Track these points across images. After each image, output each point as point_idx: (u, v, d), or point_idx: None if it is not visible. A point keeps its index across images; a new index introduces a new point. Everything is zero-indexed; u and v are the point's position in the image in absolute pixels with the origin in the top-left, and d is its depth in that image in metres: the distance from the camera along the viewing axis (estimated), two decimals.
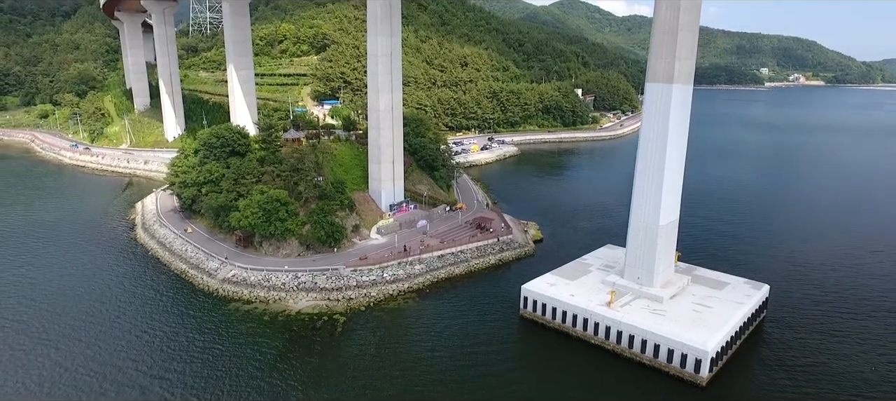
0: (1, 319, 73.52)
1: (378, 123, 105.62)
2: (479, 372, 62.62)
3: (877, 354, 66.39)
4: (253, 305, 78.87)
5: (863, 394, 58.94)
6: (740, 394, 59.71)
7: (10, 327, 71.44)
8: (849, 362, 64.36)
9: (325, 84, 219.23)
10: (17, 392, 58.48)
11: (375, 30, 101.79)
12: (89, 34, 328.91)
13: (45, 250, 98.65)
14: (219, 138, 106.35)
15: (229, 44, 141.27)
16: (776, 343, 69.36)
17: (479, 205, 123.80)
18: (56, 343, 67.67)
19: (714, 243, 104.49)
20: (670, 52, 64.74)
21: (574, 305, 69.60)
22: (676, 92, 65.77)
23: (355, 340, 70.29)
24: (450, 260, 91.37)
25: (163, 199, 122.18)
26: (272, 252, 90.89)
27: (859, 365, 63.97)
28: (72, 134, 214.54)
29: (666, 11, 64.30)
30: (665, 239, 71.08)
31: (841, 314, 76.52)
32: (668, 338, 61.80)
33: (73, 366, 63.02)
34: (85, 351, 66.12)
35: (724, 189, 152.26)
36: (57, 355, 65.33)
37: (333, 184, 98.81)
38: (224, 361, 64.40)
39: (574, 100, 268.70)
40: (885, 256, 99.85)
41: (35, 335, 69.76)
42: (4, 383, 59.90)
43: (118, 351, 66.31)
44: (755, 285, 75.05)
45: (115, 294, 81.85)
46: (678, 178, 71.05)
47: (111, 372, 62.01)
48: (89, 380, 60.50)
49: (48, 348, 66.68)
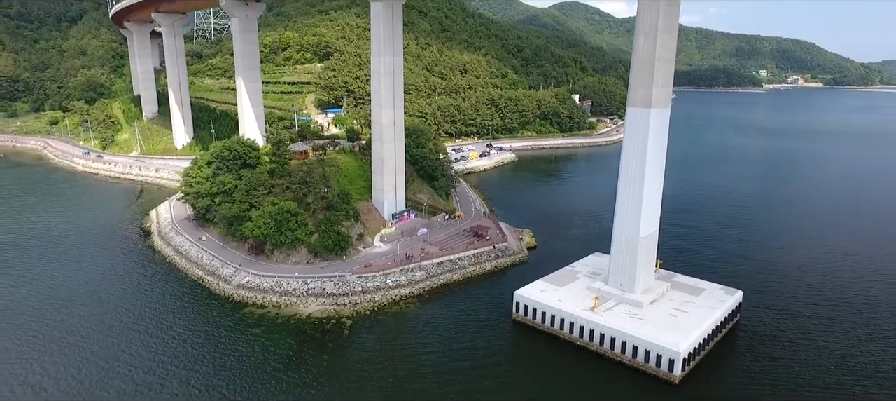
0: (47, 321, 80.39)
1: (381, 136, 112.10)
2: (476, 372, 68.91)
3: (837, 356, 72.65)
4: (266, 309, 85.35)
5: (816, 395, 65.15)
6: (710, 390, 66.01)
7: (56, 328, 78.49)
8: (808, 367, 70.50)
9: (328, 93, 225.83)
10: (79, 382, 65.71)
11: (379, 50, 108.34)
12: (95, 39, 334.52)
13: (71, 258, 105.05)
14: (231, 151, 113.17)
15: (238, 58, 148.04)
16: (746, 345, 75.70)
17: (476, 213, 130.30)
18: (96, 342, 74.65)
19: (696, 251, 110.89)
20: (648, 80, 71.15)
21: (562, 309, 76.03)
22: (654, 116, 72.17)
23: (362, 342, 76.78)
24: (448, 267, 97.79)
25: (176, 207, 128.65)
26: (283, 259, 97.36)
27: (818, 368, 70.18)
28: (83, 141, 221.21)
29: (644, 44, 70.75)
30: (645, 249, 77.49)
31: (809, 318, 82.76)
32: (645, 340, 68.22)
33: (114, 362, 69.91)
34: (120, 349, 72.86)
35: (710, 197, 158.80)
36: (101, 350, 72.64)
37: (339, 195, 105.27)
38: (245, 360, 70.91)
39: (571, 106, 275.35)
40: (855, 262, 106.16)
41: (78, 334, 76.90)
42: (66, 376, 67.11)
43: (150, 349, 73.05)
44: (729, 292, 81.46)
45: (140, 299, 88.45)
46: (657, 193, 77.41)
47: (149, 366, 68.90)
48: (130, 374, 67.43)
49: (91, 344, 74.16)
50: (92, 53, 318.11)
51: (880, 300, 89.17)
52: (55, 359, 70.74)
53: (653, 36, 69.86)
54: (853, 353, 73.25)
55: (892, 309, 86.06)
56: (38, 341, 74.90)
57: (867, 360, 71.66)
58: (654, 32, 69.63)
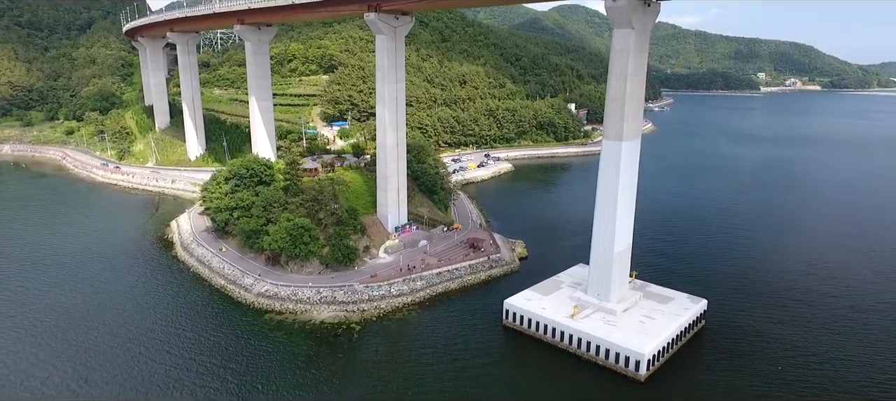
0: (97, 324, 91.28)
1: (385, 157, 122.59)
2: (470, 372, 79.26)
3: (789, 356, 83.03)
4: (284, 315, 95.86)
5: (765, 392, 75.63)
6: (671, 387, 76.41)
7: (105, 331, 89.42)
8: (762, 365, 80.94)
9: (333, 106, 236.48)
10: (132, 377, 76.32)
11: (383, 78, 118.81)
12: (105, 49, 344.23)
13: (107, 269, 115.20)
14: (248, 169, 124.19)
15: (251, 79, 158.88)
16: (708, 348, 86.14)
17: (473, 224, 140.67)
18: (141, 343, 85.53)
19: (672, 262, 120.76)
20: (620, 116, 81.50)
21: (545, 316, 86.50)
22: (625, 147, 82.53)
23: (369, 345, 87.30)
24: (446, 277, 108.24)
25: (195, 219, 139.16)
26: (297, 270, 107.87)
27: (770, 366, 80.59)
28: (99, 151, 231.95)
29: (616, 85, 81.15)
30: (619, 263, 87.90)
31: (769, 322, 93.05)
32: (616, 344, 78.65)
33: (159, 360, 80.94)
34: (162, 349, 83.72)
35: (690, 208, 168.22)
36: (146, 351, 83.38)
37: (347, 211, 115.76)
38: (270, 360, 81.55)
39: (566, 116, 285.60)
40: (819, 270, 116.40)
41: (124, 336, 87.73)
42: (123, 370, 77.98)
43: (187, 349, 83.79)
44: (694, 300, 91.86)
45: (173, 305, 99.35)
46: (629, 214, 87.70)
47: (189, 364, 79.60)
48: (172, 371, 78.24)
49: (137, 346, 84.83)
50: (102, 62, 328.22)
51: (834, 307, 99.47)
52: (110, 357, 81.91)
53: (623, 79, 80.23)
54: (802, 350, 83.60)
55: (841, 315, 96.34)
56: (94, 342, 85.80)
57: (817, 359, 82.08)
58: (624, 76, 80.00)
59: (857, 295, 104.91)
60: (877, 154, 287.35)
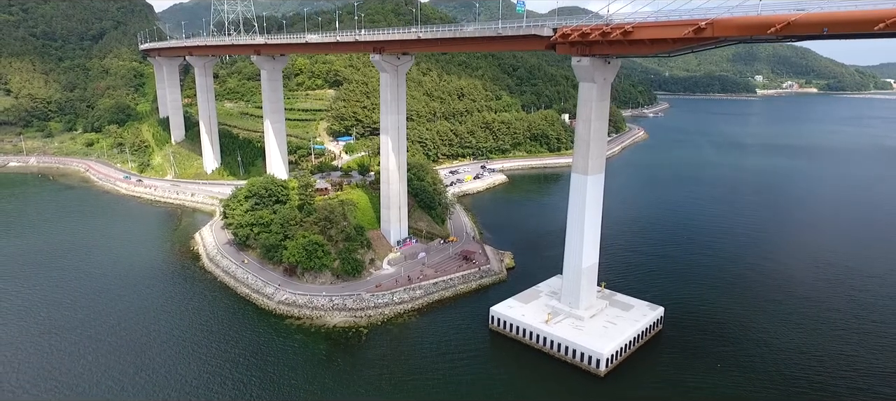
0: (148, 327, 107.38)
1: (388, 178, 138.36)
2: (461, 368, 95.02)
3: (730, 353, 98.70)
4: (302, 320, 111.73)
5: (703, 380, 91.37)
6: (626, 381, 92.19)
7: (156, 333, 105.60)
8: (710, 361, 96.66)
9: (339, 123, 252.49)
10: (186, 368, 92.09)
11: (386, 110, 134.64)
12: (117, 59, 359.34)
13: (146, 280, 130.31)
14: (267, 189, 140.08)
15: (266, 103, 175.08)
16: (663, 349, 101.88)
17: (466, 236, 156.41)
18: (185, 342, 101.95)
19: (639, 271, 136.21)
20: (585, 155, 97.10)
21: (524, 322, 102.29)
22: (591, 181, 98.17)
23: (376, 346, 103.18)
24: (442, 286, 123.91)
25: (217, 232, 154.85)
26: (311, 280, 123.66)
27: (713, 362, 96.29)
28: (120, 164, 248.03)
29: (582, 129, 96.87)
30: (587, 277, 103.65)
31: (719, 326, 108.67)
32: (580, 345, 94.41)
33: (202, 357, 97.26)
34: (202, 348, 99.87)
35: (665, 220, 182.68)
36: (195, 350, 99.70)
37: (355, 228, 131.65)
38: (292, 358, 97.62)
39: (559, 127, 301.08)
40: (770, 280, 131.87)
41: (171, 335, 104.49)
42: (174, 366, 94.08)
43: (223, 350, 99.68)
44: (652, 307, 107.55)
45: (206, 311, 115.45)
46: (595, 236, 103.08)
47: (224, 363, 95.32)
48: (212, 367, 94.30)
49: (187, 346, 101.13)
50: (115, 73, 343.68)
51: (779, 312, 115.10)
52: (163, 352, 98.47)
53: (588, 124, 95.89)
54: (743, 347, 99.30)
55: (783, 319, 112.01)
56: (150, 340, 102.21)
57: (753, 354, 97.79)
58: (588, 121, 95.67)
59: (801, 304, 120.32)
60: (864, 165, 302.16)
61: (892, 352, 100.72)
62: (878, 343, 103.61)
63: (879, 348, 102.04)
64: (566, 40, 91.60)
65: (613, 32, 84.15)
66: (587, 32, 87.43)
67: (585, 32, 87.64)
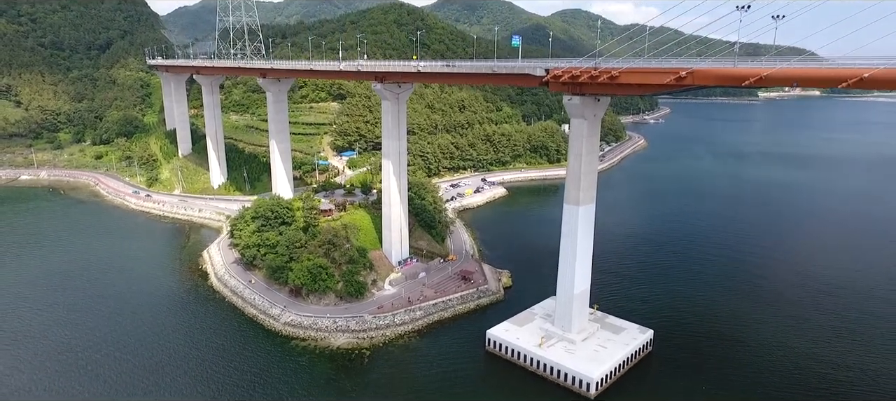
0: (166, 345, 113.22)
1: (390, 201, 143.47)
2: (457, 389, 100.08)
3: (721, 375, 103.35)
4: (307, 341, 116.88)
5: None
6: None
7: (173, 350, 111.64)
8: (697, 383, 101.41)
9: (342, 138, 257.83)
10: (197, 383, 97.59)
11: (388, 135, 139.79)
12: (124, 69, 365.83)
13: (158, 297, 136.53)
14: (273, 212, 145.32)
15: (271, 124, 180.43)
16: (653, 371, 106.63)
17: (466, 254, 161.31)
18: (198, 360, 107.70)
19: (632, 291, 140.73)
20: (577, 187, 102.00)
21: (518, 345, 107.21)
22: (582, 211, 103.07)
23: (378, 367, 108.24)
24: (441, 307, 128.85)
25: (224, 251, 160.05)
26: (316, 301, 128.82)
27: (699, 387, 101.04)
28: (129, 178, 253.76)
29: (573, 163, 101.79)
30: (579, 301, 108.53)
31: (706, 348, 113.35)
32: (572, 368, 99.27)
33: (212, 375, 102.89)
34: (211, 368, 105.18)
35: (658, 237, 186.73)
36: (201, 367, 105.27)
37: (358, 250, 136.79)
38: (299, 378, 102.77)
39: (558, 138, 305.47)
40: (758, 300, 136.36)
41: (182, 353, 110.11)
42: (191, 379, 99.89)
43: (234, 369, 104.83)
44: (642, 330, 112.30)
45: (216, 330, 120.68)
46: (587, 262, 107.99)
47: (235, 382, 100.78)
48: (223, 386, 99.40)
49: (197, 363, 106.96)
50: (122, 83, 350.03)
51: (761, 332, 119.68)
52: (174, 371, 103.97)
53: (579, 158, 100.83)
54: (730, 369, 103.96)
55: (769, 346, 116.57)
56: (164, 359, 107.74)
57: (742, 375, 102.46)
58: (580, 156, 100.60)
59: (791, 324, 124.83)
60: (861, 176, 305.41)
61: (881, 377, 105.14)
62: (867, 367, 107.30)
63: (870, 372, 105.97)
64: (557, 81, 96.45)
65: (601, 76, 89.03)
66: (577, 75, 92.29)
67: (575, 75, 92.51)
